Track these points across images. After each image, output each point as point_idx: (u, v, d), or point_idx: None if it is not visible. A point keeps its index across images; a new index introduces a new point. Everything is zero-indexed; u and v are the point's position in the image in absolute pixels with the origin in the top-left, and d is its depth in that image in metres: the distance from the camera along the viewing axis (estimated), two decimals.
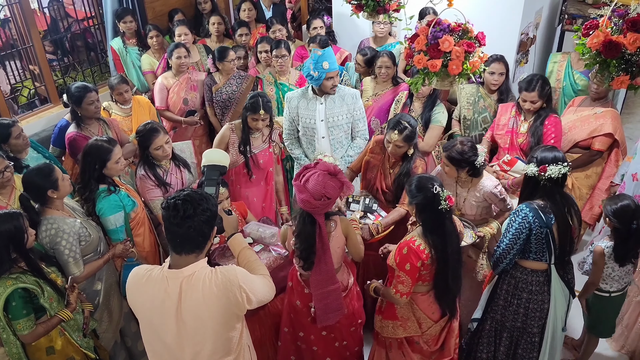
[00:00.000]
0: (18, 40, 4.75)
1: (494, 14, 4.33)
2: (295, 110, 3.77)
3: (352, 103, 3.72)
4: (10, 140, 3.30)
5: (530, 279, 2.82)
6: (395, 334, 2.82)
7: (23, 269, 2.51)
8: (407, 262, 2.56)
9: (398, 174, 3.33)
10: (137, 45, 5.02)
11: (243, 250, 2.37)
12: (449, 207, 2.52)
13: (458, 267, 2.66)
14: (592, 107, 3.83)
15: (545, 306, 2.84)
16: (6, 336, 2.47)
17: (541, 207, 2.69)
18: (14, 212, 2.49)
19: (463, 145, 3.02)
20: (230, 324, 2.11)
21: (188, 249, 2.02)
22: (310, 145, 3.86)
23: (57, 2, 5.26)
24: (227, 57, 4.34)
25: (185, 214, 1.96)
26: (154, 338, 2.12)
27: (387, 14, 4.42)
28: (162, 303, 2.03)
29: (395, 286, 2.62)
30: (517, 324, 2.90)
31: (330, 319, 2.73)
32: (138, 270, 2.11)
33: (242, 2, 5.45)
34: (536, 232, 2.68)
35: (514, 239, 2.72)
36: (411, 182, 2.63)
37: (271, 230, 3.19)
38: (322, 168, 2.60)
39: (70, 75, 5.29)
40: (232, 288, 2.03)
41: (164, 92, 4.50)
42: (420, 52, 3.12)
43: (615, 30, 3.06)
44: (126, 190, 3.21)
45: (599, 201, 3.85)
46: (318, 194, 2.51)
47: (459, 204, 3.21)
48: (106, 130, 3.80)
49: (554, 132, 3.56)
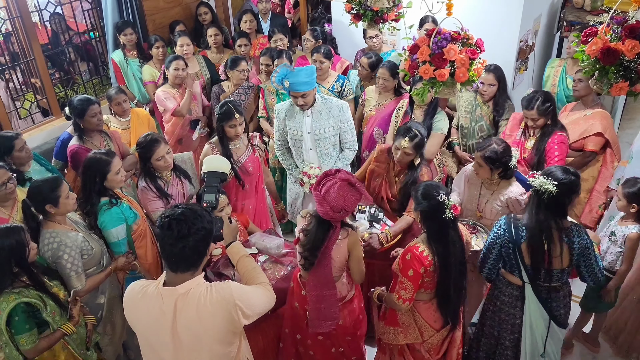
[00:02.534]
0: (20, 53, 4.78)
1: (492, 22, 4.36)
2: (283, 122, 3.78)
3: (339, 115, 3.70)
4: (13, 152, 3.30)
5: (504, 290, 2.82)
6: (396, 341, 2.82)
7: (25, 283, 2.50)
8: (410, 268, 2.57)
9: (404, 182, 3.33)
10: (138, 57, 5.04)
11: (242, 258, 2.36)
12: (454, 216, 2.52)
13: (461, 278, 2.66)
14: (583, 110, 3.86)
15: (517, 321, 2.80)
16: (9, 351, 2.46)
17: (516, 221, 2.64)
18: (15, 227, 2.50)
19: (498, 145, 3.03)
20: (226, 340, 2.10)
21: (183, 267, 2.01)
22: (299, 156, 3.87)
23: (58, 15, 5.30)
24: (238, 66, 4.39)
25: (180, 233, 1.94)
26: (152, 353, 2.11)
27: (385, 23, 4.44)
28: (157, 320, 2.01)
29: (398, 292, 2.63)
30: (494, 332, 2.91)
31: (323, 327, 2.72)
32: (134, 286, 2.10)
33: (243, 13, 5.48)
34: (504, 246, 2.66)
35: (489, 247, 2.73)
36: (417, 189, 2.64)
37: (276, 241, 3.19)
38: (342, 177, 2.58)
39: (71, 88, 5.32)
40: (227, 306, 2.01)
41: (171, 98, 4.42)
42: (425, 62, 3.13)
43: (614, 38, 3.07)
44: (128, 203, 3.21)
45: (597, 204, 3.87)
46: (338, 207, 2.51)
47: (480, 206, 3.20)
48: (108, 142, 3.80)
49: (558, 151, 3.54)
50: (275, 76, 3.57)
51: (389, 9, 4.30)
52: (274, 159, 4.42)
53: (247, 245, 3.26)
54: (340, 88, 4.49)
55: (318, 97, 3.68)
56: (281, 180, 4.51)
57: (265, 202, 3.95)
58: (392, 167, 3.42)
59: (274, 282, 3.00)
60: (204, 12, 5.59)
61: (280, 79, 3.52)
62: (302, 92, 3.52)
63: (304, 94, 3.54)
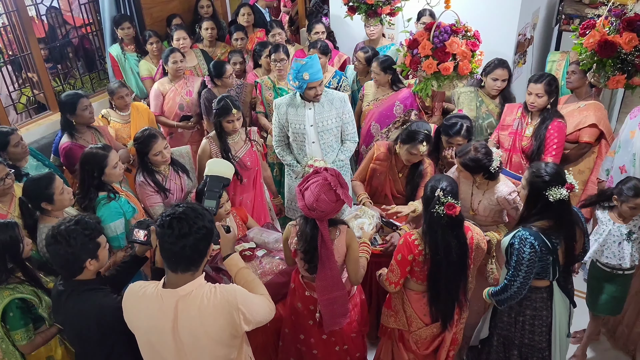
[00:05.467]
0: (16, 47, 4.76)
1: (491, 16, 4.34)
2: (285, 116, 3.76)
3: (341, 107, 3.71)
4: (8, 148, 3.30)
5: (533, 297, 2.76)
6: (387, 323, 2.90)
7: (20, 279, 2.50)
8: (399, 253, 2.65)
9: (410, 177, 3.32)
10: (136, 52, 5.03)
11: (240, 270, 2.33)
12: (444, 214, 2.51)
13: (455, 278, 2.65)
14: (576, 102, 3.85)
15: (549, 320, 2.79)
16: (5, 346, 2.46)
17: (545, 232, 2.59)
18: (9, 222, 2.49)
19: (477, 152, 3.01)
20: (227, 342, 2.09)
21: (184, 267, 1.99)
22: (301, 150, 3.85)
23: (55, 9, 5.27)
24: (224, 73, 4.28)
25: (181, 232, 1.92)
26: (154, 354, 2.10)
27: (379, 17, 4.41)
28: (157, 322, 2.00)
29: (387, 273, 2.73)
30: (525, 341, 2.85)
31: (337, 324, 2.72)
32: (132, 287, 2.09)
33: (241, 7, 5.47)
34: (542, 259, 2.60)
35: (529, 271, 2.59)
36: (430, 180, 2.68)
37: (274, 235, 3.18)
38: (324, 177, 2.55)
39: (68, 82, 5.30)
40: (230, 309, 2.00)
41: (160, 99, 4.51)
42: (428, 57, 3.12)
43: (611, 30, 3.07)
44: (126, 197, 3.21)
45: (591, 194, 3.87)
46: (310, 205, 2.50)
47: (474, 205, 3.20)
48: (99, 138, 3.79)
49: (557, 138, 3.52)
50: (291, 74, 3.54)
51: (384, 3, 4.28)
52: (272, 154, 4.41)
53: (246, 240, 3.26)
54: (337, 84, 4.48)
55: None
56: (280, 175, 4.50)
57: (263, 197, 3.95)
58: (394, 164, 3.41)
59: (273, 276, 3.00)
60: (207, 4, 5.56)
61: (296, 73, 3.49)
62: (320, 79, 3.54)
63: (321, 82, 3.56)
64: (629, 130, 3.43)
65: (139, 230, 2.49)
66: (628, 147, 3.42)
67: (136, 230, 2.49)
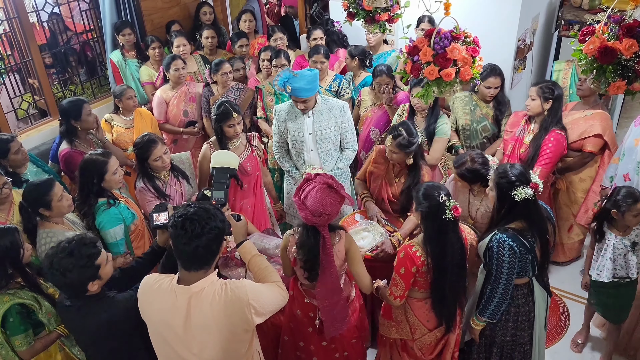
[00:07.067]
0: (17, 54, 4.77)
1: (490, 21, 4.35)
2: (284, 123, 3.75)
3: (340, 115, 3.69)
4: (9, 155, 3.30)
5: (515, 294, 2.77)
6: (389, 334, 2.87)
7: (20, 285, 2.50)
8: (402, 266, 2.61)
9: (406, 185, 3.30)
10: (136, 58, 5.05)
11: (254, 257, 2.37)
12: (454, 217, 2.52)
13: (458, 280, 2.65)
14: (583, 110, 3.83)
15: (531, 315, 2.82)
16: (5, 352, 2.45)
17: (521, 232, 2.61)
18: (9, 228, 2.49)
19: (474, 162, 3.02)
20: (238, 337, 2.13)
21: (197, 266, 2.04)
22: (299, 158, 3.84)
23: (56, 15, 5.29)
24: (220, 69, 4.38)
25: (194, 233, 1.97)
26: (165, 347, 2.14)
27: (378, 24, 4.42)
28: (171, 316, 2.05)
29: (390, 288, 2.68)
30: (507, 338, 2.87)
31: (338, 330, 2.72)
32: (148, 280, 2.14)
33: (242, 13, 5.48)
34: (522, 259, 2.61)
35: (510, 273, 2.61)
36: (418, 190, 2.64)
37: (275, 241, 3.17)
38: (321, 181, 2.56)
39: (69, 88, 5.31)
40: (241, 305, 2.04)
41: (163, 106, 4.52)
42: (429, 63, 3.12)
43: (611, 36, 3.07)
44: (126, 203, 3.21)
45: (593, 204, 3.86)
46: (317, 211, 2.48)
47: (472, 213, 3.20)
48: (97, 143, 3.80)
49: (550, 149, 3.53)
50: (277, 79, 3.55)
51: (384, 9, 4.28)
52: (273, 160, 4.41)
53: None
54: (337, 87, 4.48)
55: (319, 97, 3.67)
56: (280, 180, 4.50)
57: (263, 202, 3.94)
58: (391, 167, 3.41)
59: None
60: (209, 11, 5.57)
61: (282, 83, 3.50)
62: (304, 98, 3.52)
63: (305, 100, 3.53)
64: (634, 137, 3.42)
65: (159, 214, 2.47)
66: (632, 154, 3.42)
67: (156, 215, 2.47)
